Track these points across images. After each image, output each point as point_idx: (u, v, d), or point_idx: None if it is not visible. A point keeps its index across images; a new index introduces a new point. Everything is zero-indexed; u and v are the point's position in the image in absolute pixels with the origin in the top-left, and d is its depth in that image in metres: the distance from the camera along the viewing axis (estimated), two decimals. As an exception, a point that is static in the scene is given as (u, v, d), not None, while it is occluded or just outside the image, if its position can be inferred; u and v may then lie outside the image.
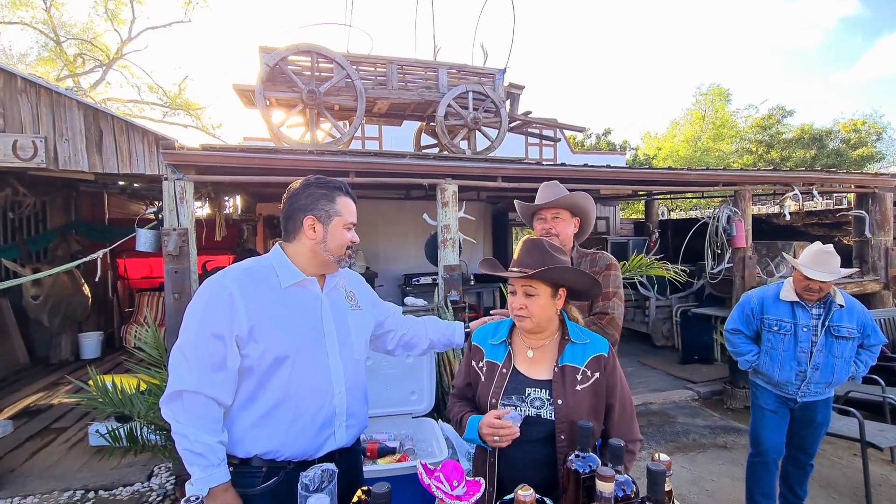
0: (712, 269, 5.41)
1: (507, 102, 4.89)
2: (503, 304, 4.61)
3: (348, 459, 1.50)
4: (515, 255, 1.47)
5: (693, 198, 11.75)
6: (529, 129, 5.53)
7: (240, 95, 4.25)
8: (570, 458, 1.22)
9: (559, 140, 7.37)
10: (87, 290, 6.28)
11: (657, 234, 8.23)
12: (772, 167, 13.37)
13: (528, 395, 1.38)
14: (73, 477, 3.35)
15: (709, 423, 4.36)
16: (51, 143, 3.30)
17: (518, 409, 1.36)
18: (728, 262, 5.26)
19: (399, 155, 3.92)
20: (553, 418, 1.33)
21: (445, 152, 4.59)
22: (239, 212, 7.18)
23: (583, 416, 1.33)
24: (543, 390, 1.37)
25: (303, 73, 4.05)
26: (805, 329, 2.54)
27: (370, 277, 7.07)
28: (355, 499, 0.95)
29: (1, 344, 5.88)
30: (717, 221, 5.19)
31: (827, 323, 2.51)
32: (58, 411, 4.55)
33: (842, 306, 2.52)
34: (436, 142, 5.19)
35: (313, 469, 1.08)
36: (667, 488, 1.10)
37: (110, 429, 2.71)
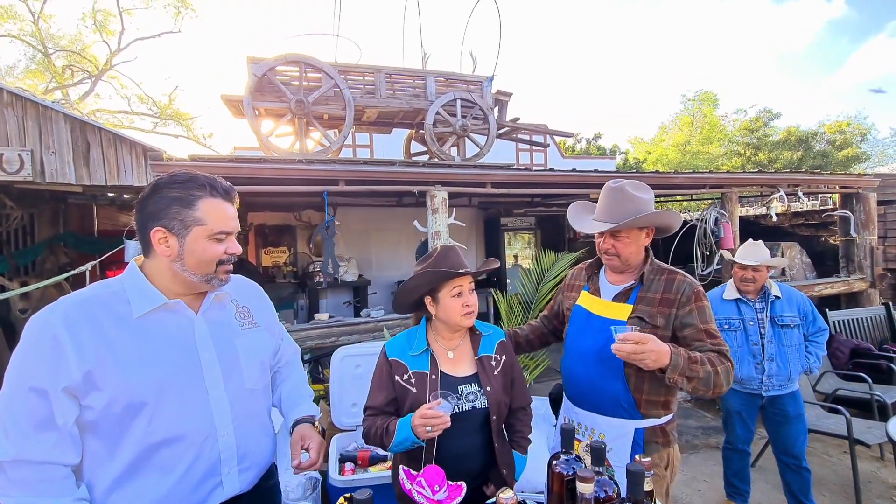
0: (702, 270, 5.46)
1: (496, 109, 4.94)
2: (496, 311, 4.63)
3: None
4: (448, 260, 1.55)
5: (683, 200, 11.86)
6: (518, 136, 5.58)
7: (228, 106, 4.26)
8: (554, 461, 1.25)
9: (548, 145, 7.44)
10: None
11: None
12: (758, 169, 13.55)
13: (462, 391, 1.50)
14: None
15: (701, 423, 4.39)
16: (37, 156, 3.29)
17: (455, 406, 1.45)
18: (717, 264, 5.31)
19: (388, 163, 3.94)
20: (486, 405, 1.49)
21: (435, 159, 4.62)
22: (230, 221, 7.15)
23: (502, 394, 1.54)
24: (473, 384, 1.52)
25: (291, 83, 4.07)
26: (752, 323, 2.77)
27: (363, 285, 7.06)
28: (337, 506, 0.96)
29: (-12, 359, 5.80)
30: (705, 224, 5.25)
31: (770, 314, 2.75)
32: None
33: (778, 297, 2.78)
34: (426, 149, 5.22)
35: (297, 478, 1.07)
36: (647, 488, 1.12)
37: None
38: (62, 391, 1.00)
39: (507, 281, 8.17)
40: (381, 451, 2.46)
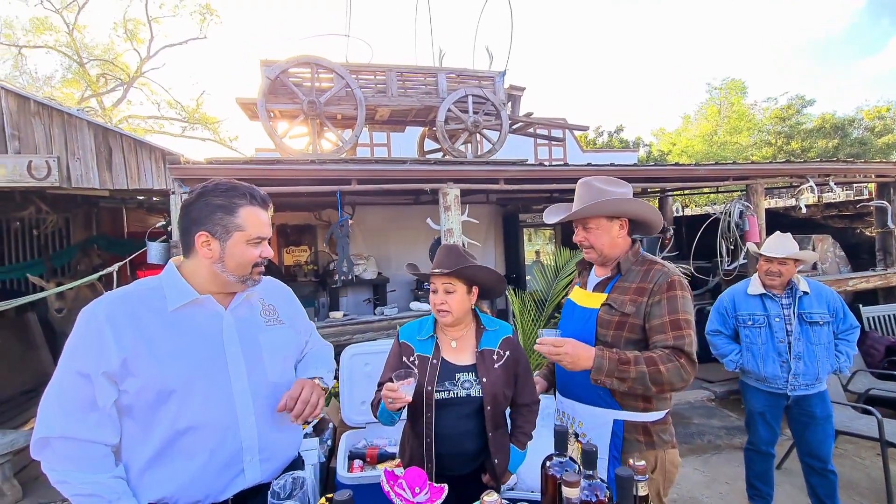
0: (727, 265, 5.29)
1: (509, 104, 4.88)
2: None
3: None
4: (435, 259, 1.67)
5: (710, 193, 11.48)
6: (534, 130, 5.51)
7: (243, 108, 4.34)
8: (547, 462, 1.24)
9: (563, 140, 7.31)
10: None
11: (671, 232, 8.08)
12: (786, 160, 13.00)
13: (458, 378, 1.61)
14: (92, 484, 3.45)
15: (725, 423, 4.25)
16: (63, 162, 3.43)
17: (450, 392, 1.59)
18: (743, 259, 5.13)
19: (400, 161, 3.96)
20: (481, 395, 1.58)
21: (448, 157, 4.61)
22: (252, 222, 7.32)
23: (501, 388, 1.61)
24: (470, 373, 1.62)
25: (303, 85, 4.12)
26: (777, 319, 2.63)
27: (382, 283, 7.12)
28: (318, 505, 0.97)
29: (30, 356, 6.11)
30: (730, 217, 5.08)
31: (797, 310, 2.61)
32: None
33: (806, 293, 2.64)
34: (440, 146, 5.21)
35: (284, 477, 1.08)
36: (641, 493, 1.09)
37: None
38: (102, 375, 1.10)
39: (528, 278, 8.09)
40: (388, 449, 2.48)
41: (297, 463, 1.43)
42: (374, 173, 3.82)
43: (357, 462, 2.41)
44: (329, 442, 2.85)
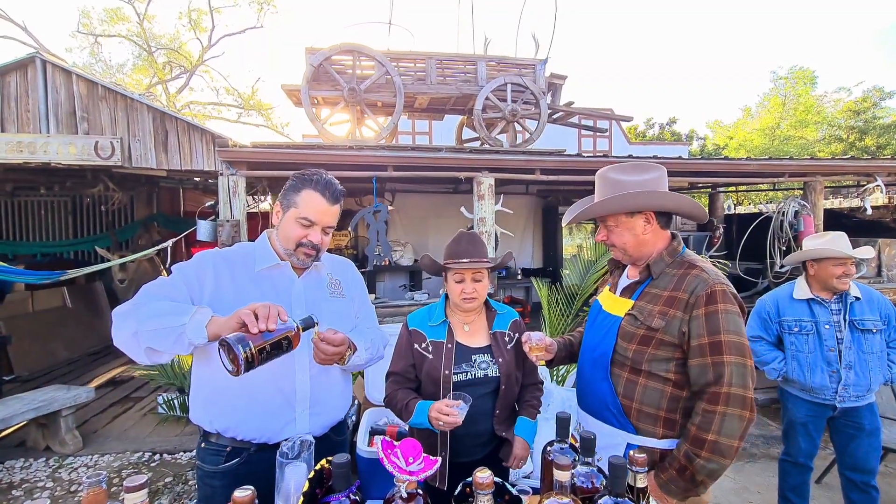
0: (780, 267, 4.99)
1: (549, 94, 4.79)
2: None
3: (318, 450, 1.32)
4: (453, 247, 1.66)
5: (769, 190, 10.78)
6: (574, 121, 5.38)
7: (288, 95, 4.51)
8: (548, 448, 1.26)
9: (605, 130, 7.08)
10: (165, 274, 6.97)
11: (721, 230, 7.70)
12: (850, 156, 11.98)
13: (475, 360, 1.64)
14: (144, 440, 3.77)
15: (763, 432, 4.06)
16: (125, 143, 3.71)
17: (467, 373, 1.61)
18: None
19: (435, 149, 3.99)
20: (498, 374, 1.63)
21: (485, 146, 4.59)
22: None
23: (514, 368, 1.65)
24: (485, 354, 1.65)
25: (345, 72, 4.22)
26: (827, 326, 2.46)
27: (418, 269, 7.23)
28: (318, 466, 1.03)
29: (96, 322, 6.70)
30: (783, 216, 4.78)
31: (848, 317, 2.44)
32: (137, 382, 5.13)
33: (858, 298, 2.46)
34: (478, 135, 5.19)
35: (292, 438, 1.16)
36: (640, 485, 1.08)
37: (166, 399, 3.02)
38: (189, 297, 1.30)
39: (566, 272, 7.97)
40: (408, 428, 2.55)
41: (343, 425, 1.57)
42: (409, 160, 3.88)
43: (377, 438, 2.50)
44: (353, 417, 2.96)
